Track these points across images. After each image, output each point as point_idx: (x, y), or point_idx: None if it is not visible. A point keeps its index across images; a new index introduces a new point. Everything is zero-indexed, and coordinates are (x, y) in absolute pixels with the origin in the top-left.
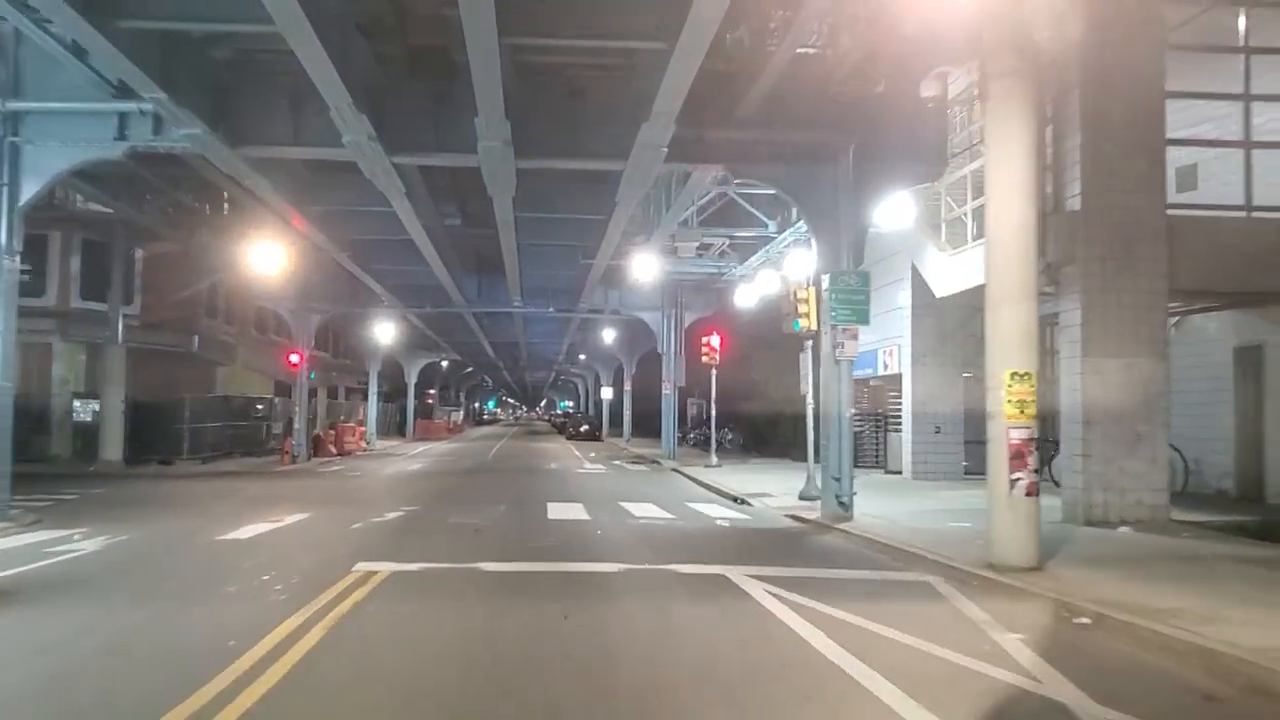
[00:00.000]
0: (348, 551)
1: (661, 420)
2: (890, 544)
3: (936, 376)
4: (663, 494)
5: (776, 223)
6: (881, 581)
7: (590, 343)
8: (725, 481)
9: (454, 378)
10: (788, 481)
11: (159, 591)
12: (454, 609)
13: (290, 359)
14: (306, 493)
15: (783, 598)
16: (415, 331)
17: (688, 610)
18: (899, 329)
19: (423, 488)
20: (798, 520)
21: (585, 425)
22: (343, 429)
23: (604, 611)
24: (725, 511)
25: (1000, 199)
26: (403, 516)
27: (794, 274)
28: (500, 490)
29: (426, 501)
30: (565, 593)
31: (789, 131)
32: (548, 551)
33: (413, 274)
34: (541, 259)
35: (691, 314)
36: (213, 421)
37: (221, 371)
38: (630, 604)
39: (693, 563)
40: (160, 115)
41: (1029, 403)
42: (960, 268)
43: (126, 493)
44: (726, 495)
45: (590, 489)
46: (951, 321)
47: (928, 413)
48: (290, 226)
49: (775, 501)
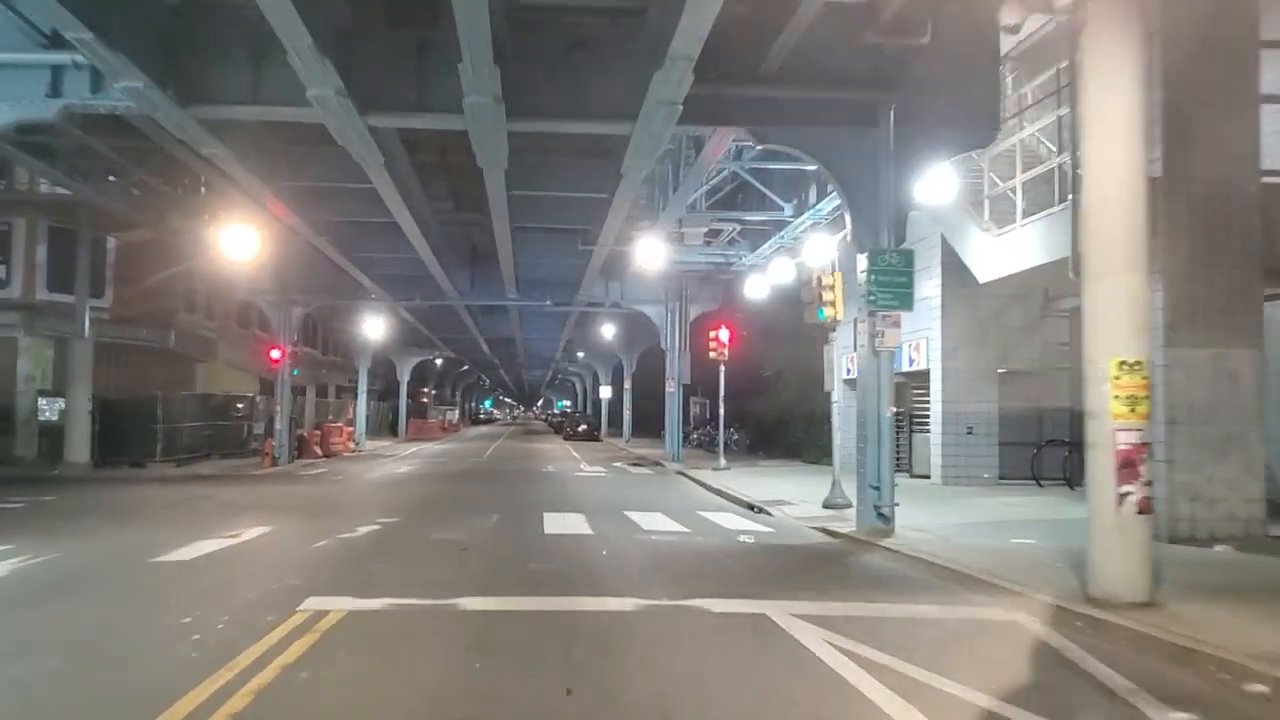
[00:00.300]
0: (302, 580)
1: (664, 420)
2: (950, 567)
3: (969, 373)
4: (670, 501)
5: (793, 206)
6: (961, 623)
7: (589, 339)
8: (736, 486)
9: (449, 376)
10: (805, 487)
11: (41, 642)
12: (417, 678)
13: (271, 355)
14: (279, 500)
15: (849, 651)
16: (407, 327)
17: (728, 675)
18: (927, 321)
19: (407, 494)
20: (829, 534)
21: (583, 425)
22: (329, 429)
23: (619, 682)
24: (743, 522)
25: (1101, 145)
26: (379, 531)
27: (813, 260)
28: (492, 497)
29: (409, 511)
30: (566, 647)
31: (821, 89)
32: (544, 579)
33: (400, 263)
34: (537, 247)
35: (696, 307)
36: (189, 421)
37: (202, 369)
38: (653, 667)
39: (722, 596)
40: (98, 68)
41: (1141, 398)
42: (1008, 250)
43: (83, 499)
44: (740, 502)
45: (591, 496)
46: (985, 312)
47: (959, 412)
48: (267, 211)
49: (796, 510)
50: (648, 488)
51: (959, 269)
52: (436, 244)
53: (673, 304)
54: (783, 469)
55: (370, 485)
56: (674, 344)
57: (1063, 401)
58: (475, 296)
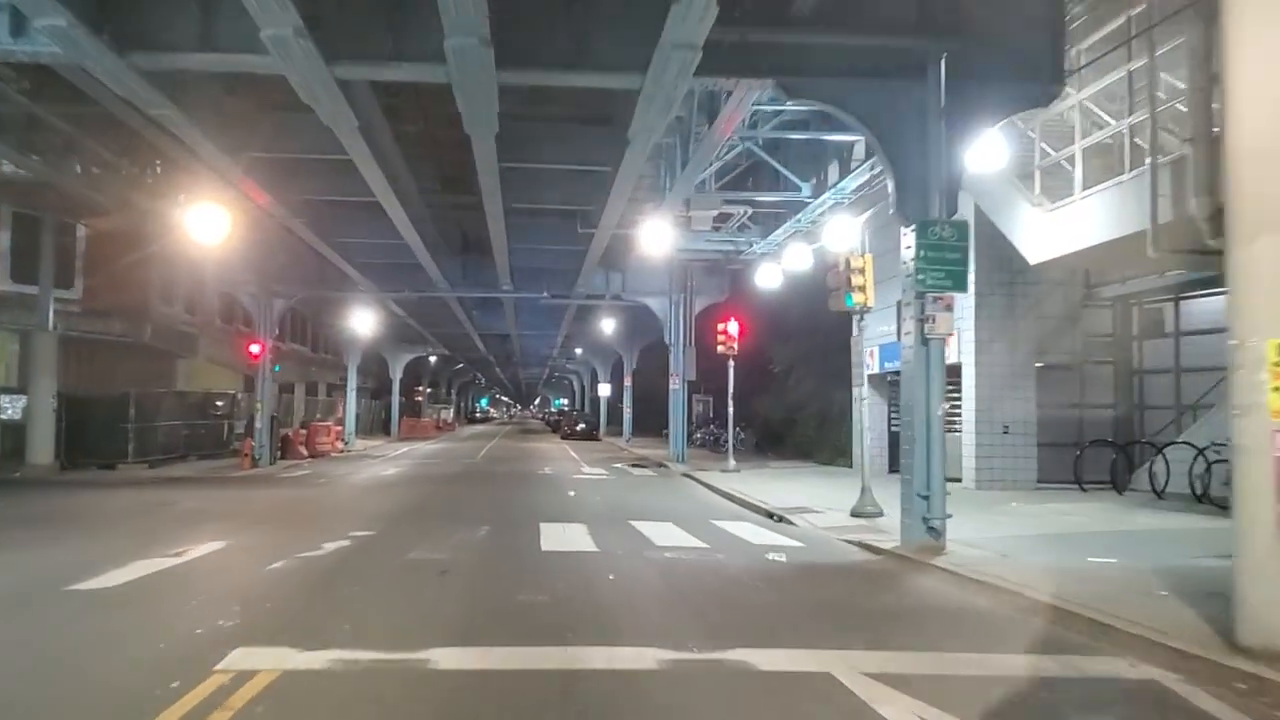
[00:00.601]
0: (236, 620)
1: (669, 418)
2: (1030, 596)
3: (1005, 367)
4: (680, 508)
5: (811, 186)
6: (1088, 686)
7: (587, 334)
8: (749, 491)
9: (444, 374)
10: (826, 492)
11: None
12: None
13: (251, 349)
14: (249, 507)
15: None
16: (398, 323)
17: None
18: (959, 310)
19: (390, 500)
20: (868, 550)
21: (582, 424)
22: (315, 428)
23: None
24: (766, 534)
25: (1259, 76)
26: (348, 549)
27: (836, 243)
28: (483, 503)
29: (389, 522)
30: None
31: (861, 34)
32: (539, 616)
33: (387, 250)
34: (533, 232)
35: (702, 300)
36: (165, 420)
37: (183, 365)
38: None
39: (766, 643)
40: (17, 7)
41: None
42: (1064, 226)
43: (36, 506)
44: (758, 510)
45: (593, 501)
46: (1022, 302)
47: (994, 410)
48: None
49: (822, 520)
50: (653, 492)
51: (994, 252)
52: (424, 230)
53: (677, 296)
54: (795, 471)
55: (352, 489)
56: (678, 338)
57: (1105, 398)
58: (468, 288)
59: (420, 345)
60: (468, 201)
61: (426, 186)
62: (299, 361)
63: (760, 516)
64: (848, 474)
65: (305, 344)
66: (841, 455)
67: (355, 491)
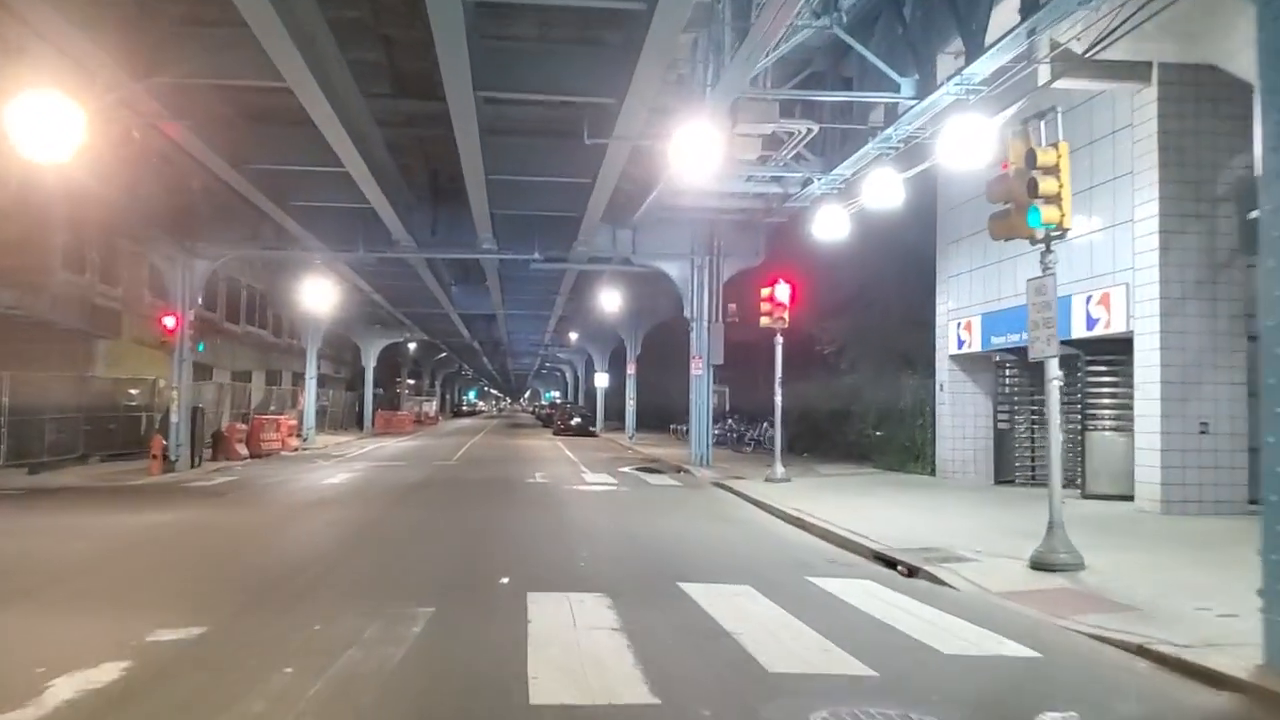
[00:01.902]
0: None
1: (689, 411)
2: None
3: (1200, 338)
4: (742, 547)
5: (914, 82)
6: None
7: (584, 315)
8: (823, 513)
9: (426, 364)
10: (934, 517)
11: None
12: None
13: (164, 322)
14: (65, 551)
15: None
16: (365, 300)
17: None
18: (1123, 258)
19: (302, 536)
20: (1168, 666)
21: (577, 418)
22: (261, 422)
23: None
24: (922, 609)
25: None
26: (114, 691)
27: (953, 159)
28: (439, 543)
29: (262, 593)
30: None
31: None
32: None
33: (328, 188)
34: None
35: (731, 263)
36: (56, 412)
37: (104, 347)
38: None
39: None
40: None
41: None
42: None
43: None
44: (858, 548)
45: (609, 536)
46: (1228, 243)
47: (1187, 399)
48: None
49: (987, 575)
50: (689, 516)
51: (1188, 161)
52: (376, 158)
53: (701, 259)
54: (860, 480)
55: (267, 511)
56: (702, 311)
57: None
58: (439, 247)
59: (396, 329)
60: (431, 110)
61: (374, 92)
62: (257, 347)
63: (868, 563)
64: (931, 485)
65: (265, 328)
66: (915, 459)
67: (268, 515)
